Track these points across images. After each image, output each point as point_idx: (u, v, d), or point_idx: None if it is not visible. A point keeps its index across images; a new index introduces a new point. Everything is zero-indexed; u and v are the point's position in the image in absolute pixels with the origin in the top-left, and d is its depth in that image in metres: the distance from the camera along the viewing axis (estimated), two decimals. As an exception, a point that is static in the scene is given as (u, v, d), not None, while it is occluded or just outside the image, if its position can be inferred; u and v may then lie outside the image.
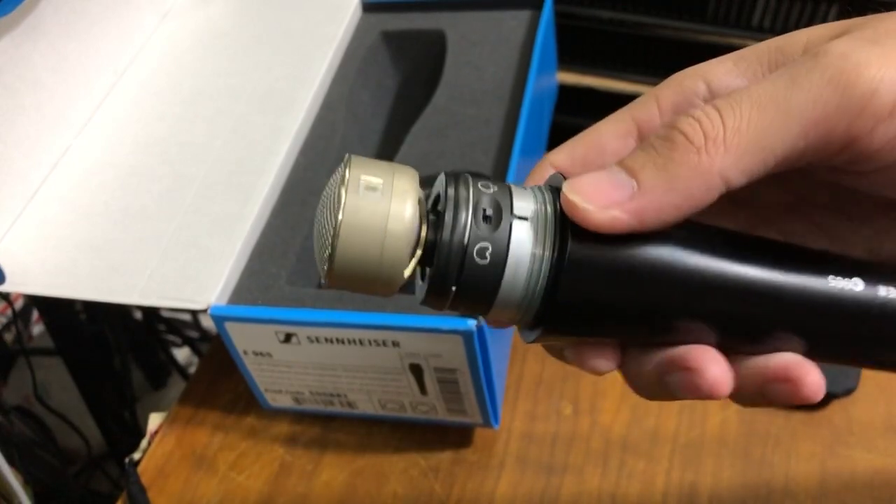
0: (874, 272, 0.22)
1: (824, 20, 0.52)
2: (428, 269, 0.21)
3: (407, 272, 0.21)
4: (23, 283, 0.43)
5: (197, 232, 0.44)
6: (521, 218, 0.21)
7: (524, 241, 0.21)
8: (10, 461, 0.51)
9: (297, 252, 0.43)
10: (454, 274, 0.21)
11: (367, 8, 0.56)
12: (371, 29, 0.55)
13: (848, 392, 0.45)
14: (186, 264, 0.42)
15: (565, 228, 0.21)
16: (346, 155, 0.21)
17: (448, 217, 0.21)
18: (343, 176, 0.21)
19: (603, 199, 0.20)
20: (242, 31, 0.57)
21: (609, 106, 0.26)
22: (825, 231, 0.25)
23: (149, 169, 0.48)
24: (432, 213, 0.22)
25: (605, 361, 0.23)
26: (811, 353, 0.22)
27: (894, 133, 0.20)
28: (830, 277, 0.22)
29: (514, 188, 0.22)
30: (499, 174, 0.44)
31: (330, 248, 0.20)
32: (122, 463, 0.48)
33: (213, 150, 0.48)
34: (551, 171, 0.24)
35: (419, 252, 0.21)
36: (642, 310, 0.21)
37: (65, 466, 0.71)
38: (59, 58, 0.49)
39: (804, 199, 0.25)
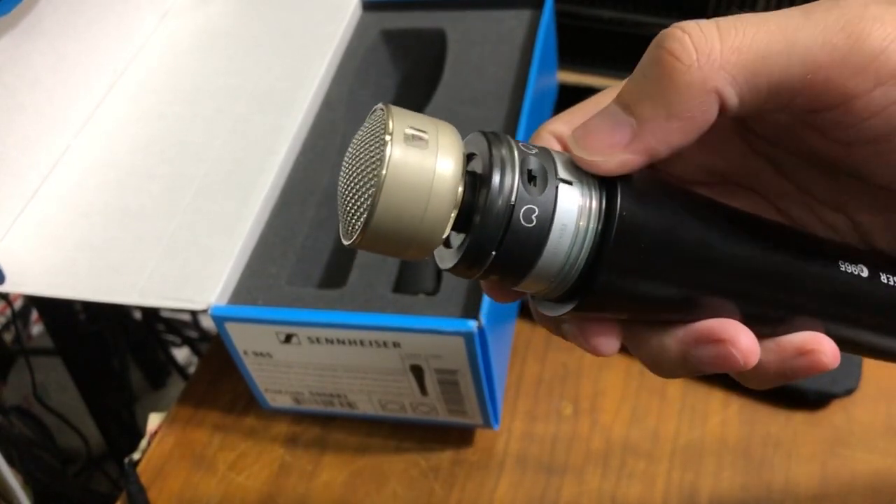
0: (875, 260, 0.23)
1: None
2: (458, 234, 0.20)
3: (445, 235, 0.19)
4: (22, 284, 0.43)
5: (197, 232, 0.44)
6: (566, 182, 0.20)
7: (570, 207, 0.19)
8: (10, 461, 0.51)
9: (297, 252, 0.43)
10: (497, 238, 0.19)
11: (367, 7, 0.56)
12: (371, 28, 0.55)
13: (848, 392, 0.45)
14: (186, 264, 0.42)
15: (612, 197, 0.20)
16: (381, 104, 0.20)
17: (495, 177, 0.19)
18: (386, 124, 0.19)
19: (607, 145, 0.20)
20: (242, 30, 0.57)
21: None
22: (822, 219, 0.25)
23: (148, 169, 0.48)
24: (468, 173, 0.20)
25: (608, 340, 0.22)
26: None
27: (891, 101, 0.19)
28: (840, 262, 0.22)
29: (554, 152, 0.20)
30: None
31: (369, 204, 0.19)
32: (121, 463, 0.48)
33: (212, 149, 0.48)
34: (550, 140, 0.23)
35: (456, 214, 0.19)
36: (681, 288, 0.21)
37: (64, 466, 0.71)
38: (59, 57, 0.49)
39: (803, 188, 0.25)
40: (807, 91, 0.20)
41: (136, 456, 0.48)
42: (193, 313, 0.80)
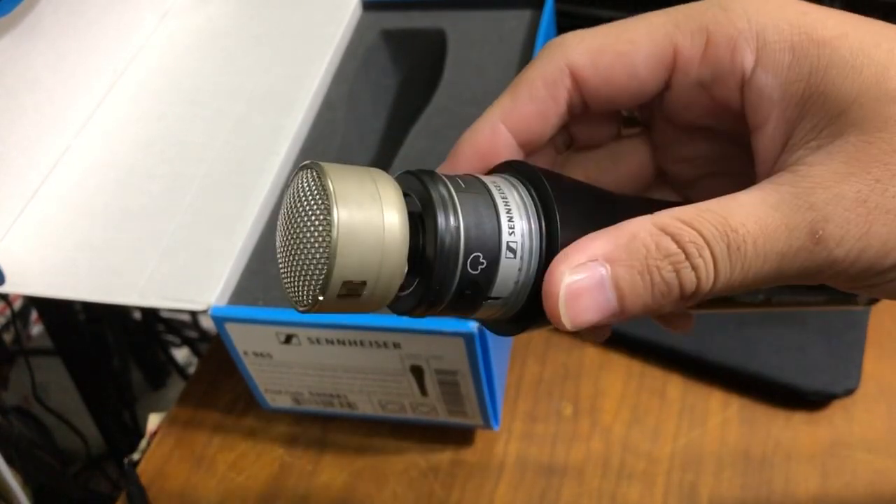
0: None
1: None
2: (411, 279, 0.20)
3: (400, 284, 0.19)
4: (22, 284, 0.43)
5: (197, 232, 0.44)
6: (505, 211, 0.20)
7: (514, 235, 0.20)
8: (10, 461, 0.51)
9: (297, 252, 0.43)
10: (453, 278, 0.19)
11: (367, 6, 0.56)
12: (371, 28, 0.55)
13: (848, 392, 0.45)
14: (186, 264, 0.42)
15: (552, 216, 0.20)
16: (308, 162, 0.19)
17: (440, 221, 0.19)
18: (324, 187, 0.18)
19: (584, 321, 0.20)
20: (242, 30, 0.57)
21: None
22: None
23: (148, 169, 0.48)
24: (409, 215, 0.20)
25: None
26: None
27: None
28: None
29: (489, 185, 0.21)
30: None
31: (323, 272, 0.18)
32: (121, 463, 0.48)
33: (213, 149, 0.48)
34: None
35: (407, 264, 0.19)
36: None
37: (64, 467, 0.71)
38: (59, 58, 0.49)
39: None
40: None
41: (135, 456, 0.48)
42: (193, 314, 0.80)
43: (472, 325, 0.37)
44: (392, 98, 0.57)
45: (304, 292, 0.19)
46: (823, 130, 0.20)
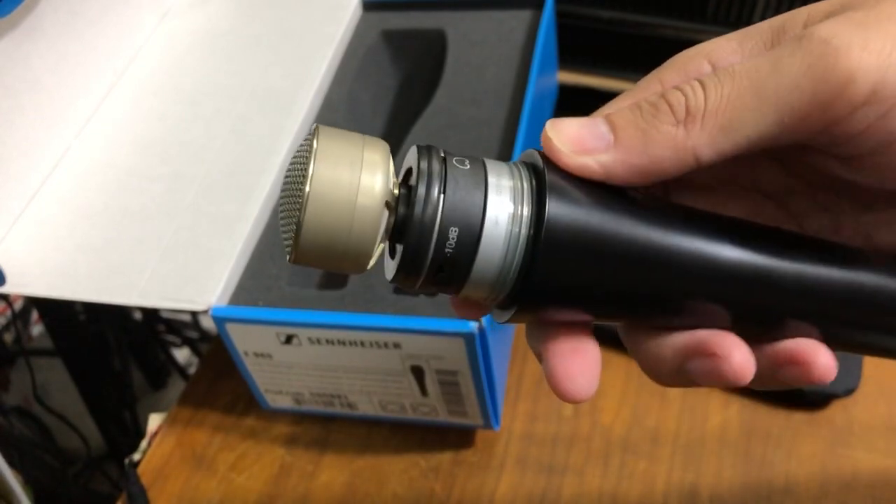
0: (871, 260, 0.23)
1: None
2: (398, 246, 0.21)
3: (376, 249, 0.20)
4: (23, 285, 0.43)
5: (197, 232, 0.44)
6: (496, 190, 0.20)
7: (500, 214, 0.20)
8: (10, 462, 0.51)
9: (297, 253, 0.43)
10: (428, 247, 0.20)
11: (368, 7, 0.56)
12: (371, 28, 0.55)
13: (849, 392, 0.45)
14: (186, 265, 0.42)
15: (542, 204, 0.20)
16: (314, 125, 0.21)
17: (420, 191, 0.20)
18: (311, 146, 0.20)
19: (579, 145, 0.21)
20: (242, 30, 0.57)
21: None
22: (828, 213, 0.25)
23: (149, 169, 0.48)
24: (403, 187, 0.21)
25: (579, 382, 0.22)
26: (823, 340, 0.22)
27: (873, 119, 0.20)
28: (824, 259, 0.22)
29: (488, 163, 0.21)
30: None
31: (297, 221, 0.19)
32: (121, 464, 0.48)
33: (213, 150, 0.48)
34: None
35: (389, 228, 0.20)
36: (618, 290, 0.21)
37: (64, 467, 0.71)
38: (59, 58, 0.49)
39: (810, 183, 0.25)
40: (787, 130, 0.20)
41: (136, 456, 0.48)
42: (194, 314, 0.80)
43: (473, 325, 0.37)
44: (392, 98, 0.57)
45: (287, 240, 0.20)
46: None
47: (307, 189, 0.19)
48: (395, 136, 0.52)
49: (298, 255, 0.20)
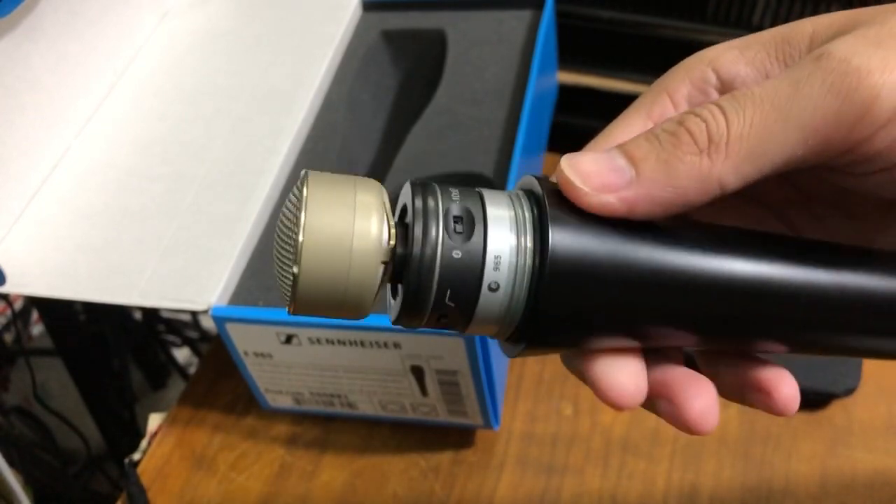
0: (877, 261, 0.22)
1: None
2: (399, 286, 0.20)
3: (377, 293, 0.20)
4: (23, 284, 0.43)
5: (197, 232, 0.44)
6: (497, 224, 0.20)
7: (502, 247, 0.19)
8: (10, 462, 0.51)
9: (297, 252, 0.43)
10: (430, 287, 0.19)
11: (368, 7, 0.56)
12: (371, 28, 0.55)
13: (848, 392, 0.45)
14: (186, 264, 0.42)
15: (545, 234, 0.19)
16: (303, 171, 0.20)
17: (417, 230, 0.19)
18: (301, 193, 0.19)
19: (599, 183, 0.20)
20: (242, 30, 0.57)
21: (609, 106, 0.26)
22: (824, 224, 0.25)
23: (149, 169, 0.48)
24: (400, 225, 0.20)
25: (628, 386, 0.21)
26: (827, 349, 0.22)
27: (894, 138, 0.20)
28: (841, 269, 0.22)
29: (485, 194, 0.20)
30: (499, 174, 0.44)
31: (292, 273, 0.19)
32: (121, 463, 0.48)
33: (213, 150, 0.48)
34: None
35: (388, 270, 0.19)
36: (629, 319, 0.20)
37: (64, 467, 0.71)
38: (59, 58, 0.49)
39: (808, 195, 0.25)
40: (811, 153, 0.20)
41: (136, 456, 0.48)
42: (194, 314, 0.80)
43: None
44: (392, 98, 0.57)
45: (284, 292, 0.20)
46: None
47: (300, 239, 0.19)
48: (395, 136, 0.52)
49: (298, 307, 0.19)
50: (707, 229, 0.22)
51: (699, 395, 0.21)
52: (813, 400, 0.45)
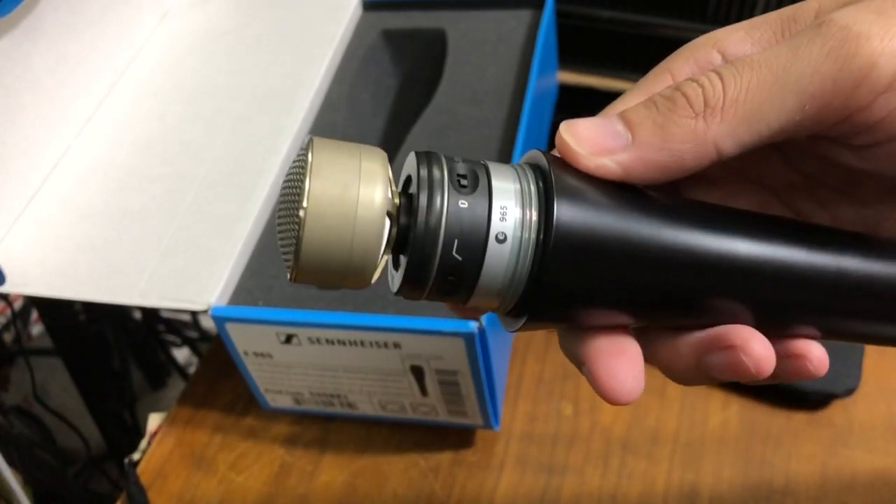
0: (875, 245, 0.22)
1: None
2: (402, 257, 0.20)
3: (380, 261, 0.19)
4: (23, 284, 0.43)
5: (197, 232, 0.44)
6: (501, 197, 0.20)
7: (506, 222, 0.19)
8: (10, 462, 0.51)
9: (297, 252, 0.43)
10: (433, 257, 0.19)
11: (368, 7, 0.56)
12: (371, 28, 0.55)
13: (848, 392, 0.45)
14: (186, 264, 0.42)
15: (550, 206, 0.19)
16: (308, 137, 0.20)
17: (422, 200, 0.19)
18: (306, 160, 0.19)
19: (596, 145, 0.20)
20: (242, 30, 0.57)
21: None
22: (829, 211, 0.25)
23: (149, 169, 0.48)
24: (404, 195, 0.20)
25: (624, 380, 0.21)
26: (826, 332, 0.22)
27: (894, 105, 0.20)
28: (841, 253, 0.22)
29: (491, 166, 0.20)
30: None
31: (295, 239, 0.19)
32: (121, 463, 0.48)
33: (213, 150, 0.48)
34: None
35: (392, 237, 0.19)
36: (630, 292, 0.20)
37: (64, 467, 0.71)
38: (59, 58, 0.49)
39: (810, 178, 0.25)
40: (808, 119, 0.20)
41: (136, 456, 0.48)
42: (194, 314, 0.80)
43: (473, 325, 0.37)
44: (392, 98, 0.57)
45: (287, 257, 0.20)
46: None
47: (304, 205, 0.18)
48: (395, 136, 0.52)
49: (299, 274, 0.19)
50: (711, 209, 0.22)
51: (756, 338, 0.21)
52: (813, 400, 0.45)
